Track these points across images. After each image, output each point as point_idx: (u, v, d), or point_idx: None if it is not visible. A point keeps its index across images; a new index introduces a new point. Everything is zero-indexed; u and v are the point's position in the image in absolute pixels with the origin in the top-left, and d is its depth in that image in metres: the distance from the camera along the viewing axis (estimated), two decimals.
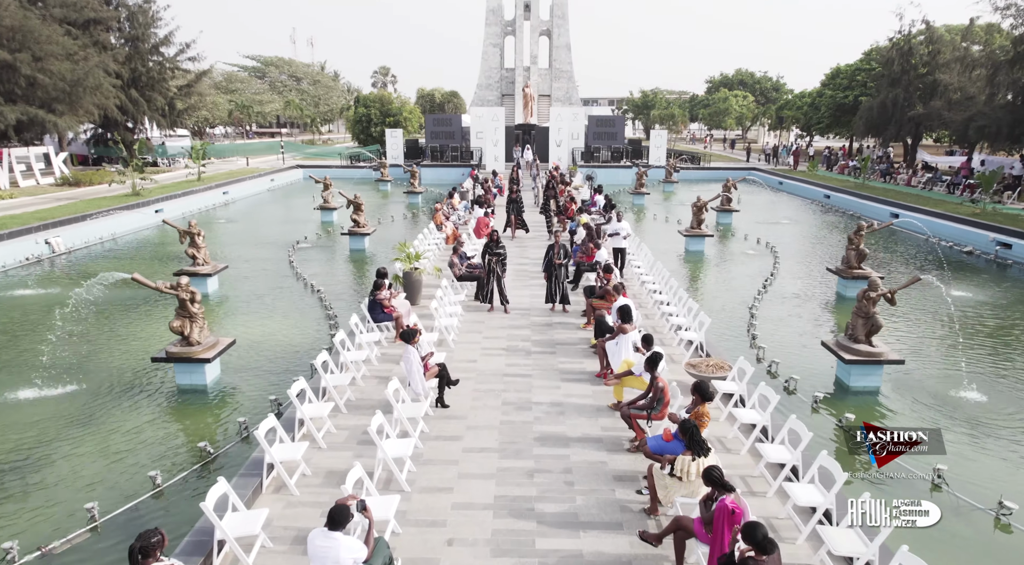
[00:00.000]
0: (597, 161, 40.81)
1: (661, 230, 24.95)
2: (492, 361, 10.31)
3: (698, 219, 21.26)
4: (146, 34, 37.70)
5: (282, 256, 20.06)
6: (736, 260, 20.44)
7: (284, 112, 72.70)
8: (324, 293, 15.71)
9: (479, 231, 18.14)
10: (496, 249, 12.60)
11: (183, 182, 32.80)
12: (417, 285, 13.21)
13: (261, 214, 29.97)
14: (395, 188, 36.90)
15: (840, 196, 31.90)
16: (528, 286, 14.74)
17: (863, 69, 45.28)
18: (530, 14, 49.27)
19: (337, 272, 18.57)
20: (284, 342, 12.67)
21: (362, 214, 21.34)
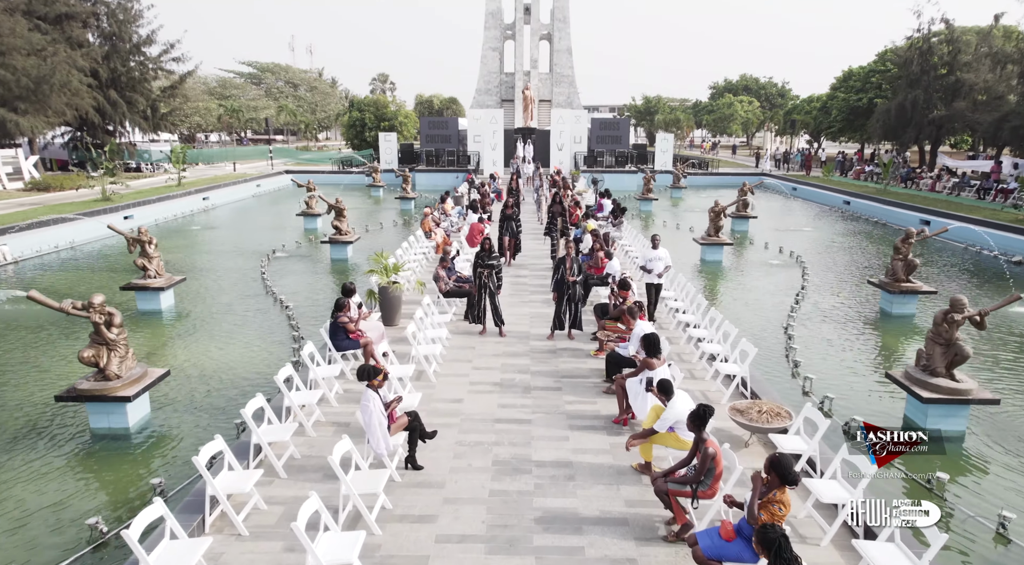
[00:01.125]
0: (601, 166, 38.86)
1: (673, 238, 22.85)
2: (482, 401, 8.23)
3: (715, 226, 19.23)
4: (126, 32, 35.87)
5: (254, 267, 18.02)
6: (759, 271, 18.38)
7: (277, 118, 70.85)
8: (293, 310, 13.65)
9: (472, 239, 16.11)
10: (488, 260, 10.55)
11: (161, 187, 30.83)
12: (395, 303, 11.15)
13: (241, 221, 27.98)
14: (387, 194, 34.95)
15: (861, 202, 29.91)
16: (528, 303, 12.68)
17: (877, 71, 43.49)
18: (530, 17, 47.66)
19: (313, 285, 16.51)
20: (236, 371, 10.59)
21: (344, 220, 19.34)
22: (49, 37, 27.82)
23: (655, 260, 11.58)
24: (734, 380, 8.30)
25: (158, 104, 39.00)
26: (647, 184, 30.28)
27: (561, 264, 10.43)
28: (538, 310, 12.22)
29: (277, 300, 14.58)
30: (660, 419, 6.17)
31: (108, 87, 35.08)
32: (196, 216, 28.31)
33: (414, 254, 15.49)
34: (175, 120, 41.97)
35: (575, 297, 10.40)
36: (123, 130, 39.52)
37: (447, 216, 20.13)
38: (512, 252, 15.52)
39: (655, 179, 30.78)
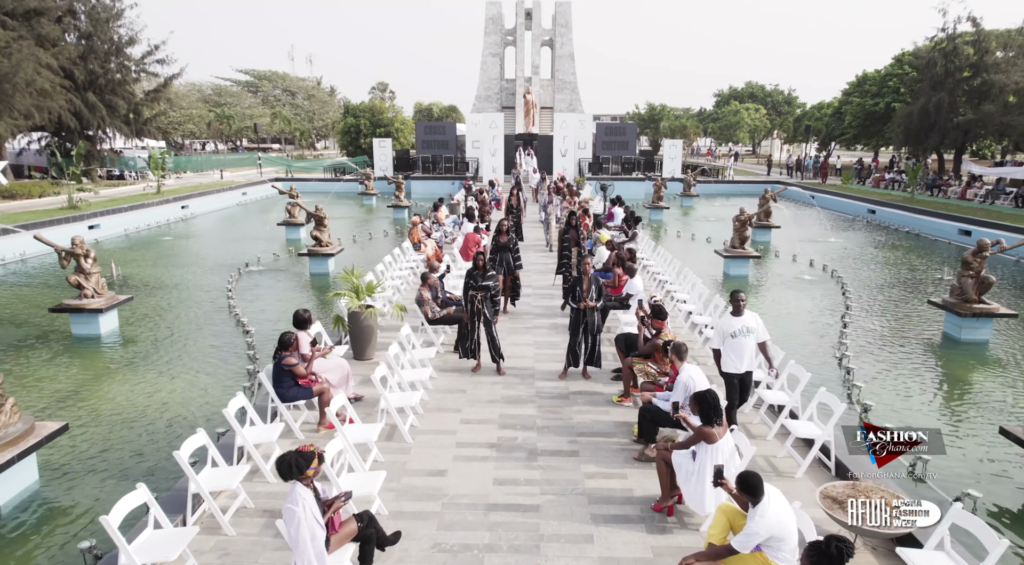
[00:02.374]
0: (607, 173, 36.88)
1: (689, 249, 20.81)
2: (472, 474, 6.12)
3: (741, 236, 17.16)
4: (104, 32, 33.97)
5: (223, 283, 15.93)
6: (792, 288, 16.27)
7: (271, 125, 69.15)
8: (255, 335, 11.54)
9: (467, 251, 14.03)
10: (482, 280, 8.45)
11: (137, 195, 28.82)
12: (368, 333, 9.04)
13: (220, 230, 25.95)
14: (381, 203, 32.97)
15: (887, 211, 27.84)
16: (531, 330, 10.57)
17: (894, 74, 41.60)
18: (531, 23, 46.06)
19: (284, 304, 14.39)
20: (163, 418, 8.48)
21: (325, 230, 17.28)
22: (15, 34, 25.91)
23: (742, 334, 6.48)
24: (813, 449, 6.14)
25: (141, 108, 37.07)
26: (657, 192, 28.29)
27: (576, 285, 8.33)
28: (544, 339, 10.11)
29: (239, 323, 12.48)
30: (743, 534, 4.04)
31: (85, 89, 33.14)
32: (172, 226, 26.28)
33: (399, 269, 13.40)
34: (160, 125, 40.04)
35: (593, 326, 8.28)
36: (104, 136, 37.59)
37: (440, 226, 18.06)
38: (510, 294, 11.37)
39: (666, 186, 28.75)
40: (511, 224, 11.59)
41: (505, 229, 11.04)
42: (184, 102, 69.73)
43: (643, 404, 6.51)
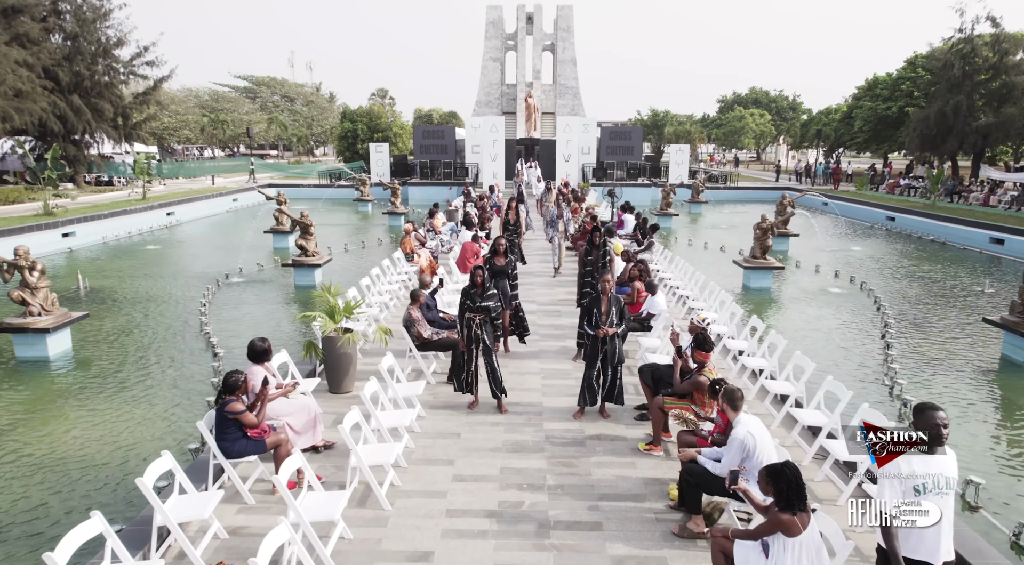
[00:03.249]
0: (611, 179, 35.58)
1: (703, 259, 19.43)
2: (465, 556, 4.71)
3: (762, 245, 15.79)
4: (91, 32, 32.77)
5: (200, 296, 14.55)
6: (820, 302, 14.89)
7: (267, 131, 68.08)
8: (222, 360, 10.16)
9: (464, 262, 12.66)
10: (480, 299, 7.08)
11: (121, 201, 27.51)
12: (346, 363, 7.65)
13: (206, 238, 24.61)
14: (377, 209, 31.64)
15: (907, 218, 26.51)
16: (539, 356, 9.17)
17: (907, 77, 40.39)
18: (533, 27, 45.00)
19: (263, 320, 13.02)
20: (108, 459, 7.09)
21: (311, 239, 15.93)
22: None
23: (936, 490, 3.45)
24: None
25: (129, 112, 35.81)
26: (666, 198, 26.97)
27: (594, 306, 6.94)
28: (553, 366, 8.72)
29: (209, 344, 11.10)
30: None
31: (70, 91, 31.91)
32: (156, 233, 24.95)
33: (389, 282, 12.00)
34: (155, 130, 38.84)
35: (614, 356, 6.90)
36: (92, 140, 36.33)
37: (436, 234, 16.71)
38: (511, 330, 9.13)
39: (675, 192, 27.43)
40: (508, 245, 9.29)
41: (502, 249, 8.95)
42: (181, 107, 68.80)
43: (684, 463, 5.11)
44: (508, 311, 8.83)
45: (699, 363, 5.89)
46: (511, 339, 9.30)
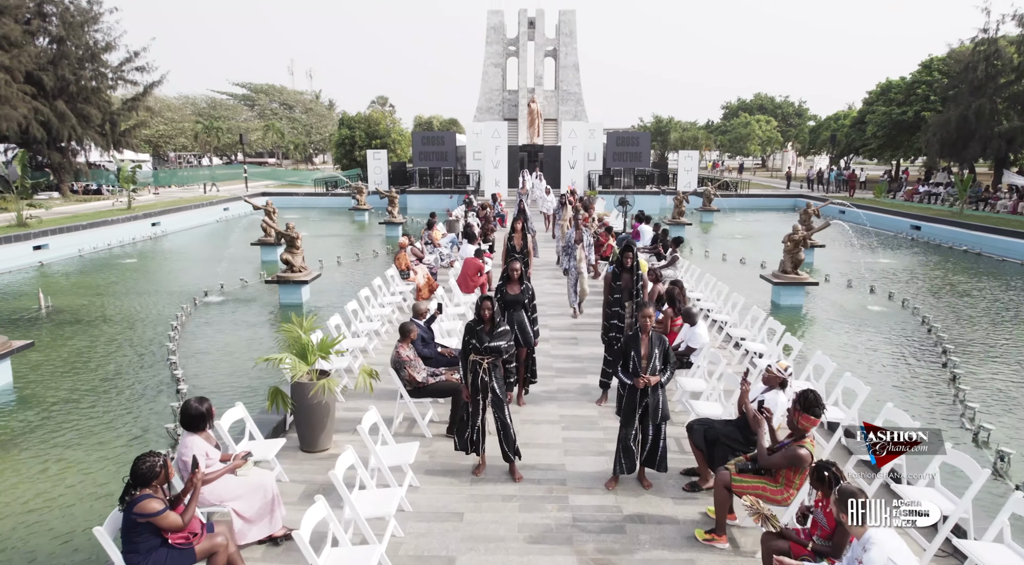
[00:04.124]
0: (619, 187, 34.21)
1: (725, 273, 17.92)
2: None
3: (794, 259, 14.33)
4: (78, 36, 31.51)
5: (172, 317, 13.10)
6: (859, 322, 13.41)
7: (264, 138, 66.91)
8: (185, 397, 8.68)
9: (466, 281, 11.21)
10: (490, 339, 5.59)
11: (104, 211, 26.14)
12: (321, 415, 6.17)
13: (191, 250, 23.18)
14: (374, 218, 30.24)
15: (934, 227, 25.07)
16: (556, 397, 7.69)
17: (923, 81, 39.06)
18: (535, 32, 43.98)
19: (240, 347, 11.54)
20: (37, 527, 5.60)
21: (298, 252, 14.47)
22: None
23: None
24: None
25: (118, 118, 34.47)
26: (679, 206, 25.54)
27: (630, 348, 5.47)
28: (574, 412, 7.24)
29: (173, 377, 9.63)
30: None
31: (55, 97, 30.58)
32: (139, 245, 23.53)
33: (379, 305, 10.53)
34: (150, 138, 37.58)
35: (656, 411, 5.43)
36: (79, 148, 35.01)
37: (435, 247, 15.26)
38: (527, 375, 7.49)
39: (688, 200, 26.01)
40: (522, 272, 7.29)
41: (516, 275, 7.13)
42: (177, 115, 67.64)
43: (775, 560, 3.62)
44: (524, 350, 7.22)
45: (798, 431, 4.40)
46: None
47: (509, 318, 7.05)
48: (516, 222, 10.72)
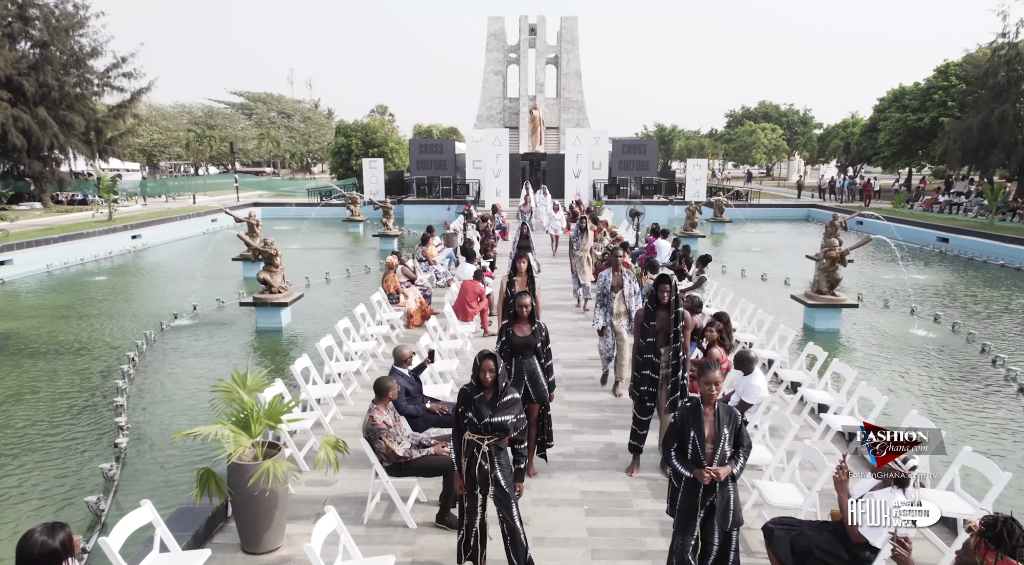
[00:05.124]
0: (624, 196, 32.78)
1: (747, 290, 16.41)
2: None
3: (830, 278, 12.84)
4: (63, 41, 30.21)
5: (133, 345, 11.58)
6: (907, 350, 11.88)
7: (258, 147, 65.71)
8: (123, 452, 7.17)
9: (463, 308, 9.70)
10: (492, 411, 4.06)
11: (81, 223, 24.69)
12: (268, 504, 4.63)
13: (170, 265, 21.64)
14: (369, 230, 28.82)
15: (963, 239, 23.58)
16: (575, 464, 6.16)
17: (939, 86, 37.74)
18: (536, 39, 42.95)
19: (195, 389, 9.99)
20: None
21: (277, 271, 12.99)
22: None
23: None
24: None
25: (103, 126, 33.11)
26: (691, 217, 24.07)
27: (690, 428, 3.94)
28: (600, 488, 5.69)
29: (117, 427, 8.10)
30: None
31: (36, 104, 29.27)
32: (115, 259, 22.04)
33: (363, 338, 8.99)
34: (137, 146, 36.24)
35: (726, 514, 3.89)
36: (62, 156, 33.64)
37: (430, 265, 13.76)
38: (542, 438, 5.86)
39: (700, 211, 24.56)
40: (532, 310, 5.54)
41: (526, 312, 5.46)
42: (172, 124, 66.45)
43: None
44: (538, 407, 5.66)
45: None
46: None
47: (517, 369, 5.52)
48: (519, 260, 7.92)
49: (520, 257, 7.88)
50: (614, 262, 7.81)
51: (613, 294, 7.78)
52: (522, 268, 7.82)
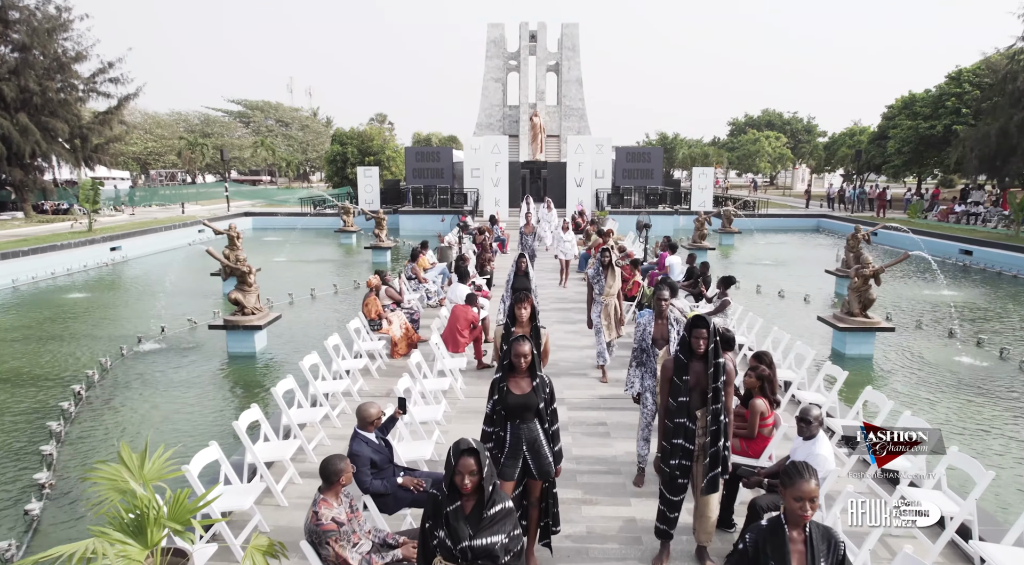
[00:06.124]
0: (628, 206, 31.57)
1: (765, 308, 15.14)
2: None
3: (863, 299, 11.58)
4: (44, 44, 29.13)
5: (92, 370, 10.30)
6: (951, 377, 10.59)
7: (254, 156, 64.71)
8: (37, 523, 5.87)
9: (453, 337, 8.43)
10: (474, 532, 2.80)
11: (59, 234, 23.47)
12: None
13: (149, 280, 20.38)
14: (363, 241, 27.59)
15: (988, 252, 22.33)
16: (587, 551, 4.83)
17: (952, 93, 36.62)
18: (536, 46, 42.04)
19: (164, 421, 8.72)
20: None
21: (250, 291, 11.74)
22: None
23: None
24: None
25: (88, 133, 31.95)
26: (700, 228, 22.83)
27: (762, 554, 2.65)
28: None
29: (35, 482, 6.81)
30: None
31: (17, 109, 28.14)
32: (91, 273, 20.79)
33: (334, 376, 7.70)
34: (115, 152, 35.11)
35: None
36: (45, 164, 32.47)
37: (420, 284, 12.49)
38: (546, 521, 4.54)
39: (711, 222, 23.34)
40: (528, 362, 4.23)
41: (525, 364, 4.21)
42: (168, 132, 65.42)
43: None
44: (541, 485, 4.42)
45: None
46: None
47: (514, 437, 4.25)
48: (519, 306, 5.87)
49: (520, 302, 5.89)
50: (657, 307, 6.04)
51: (655, 349, 5.87)
52: (523, 317, 5.88)
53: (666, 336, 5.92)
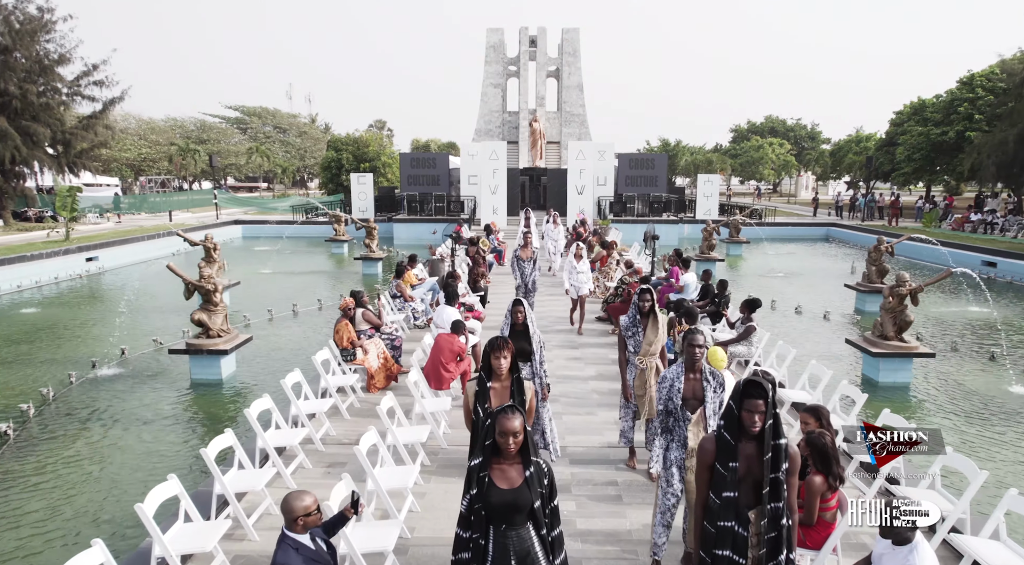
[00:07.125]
0: (632, 214, 30.41)
1: (783, 327, 13.92)
2: None
3: (899, 321, 10.37)
4: (28, 46, 28.08)
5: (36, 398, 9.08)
6: (999, 409, 9.38)
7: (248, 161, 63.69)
8: None
9: (436, 371, 7.22)
10: None
11: (32, 244, 22.30)
12: None
13: (120, 294, 19.15)
14: (355, 251, 26.42)
15: (1013, 263, 21.15)
16: None
17: (964, 98, 35.54)
18: (536, 51, 41.14)
19: (97, 474, 7.49)
20: None
21: (216, 311, 10.56)
22: None
23: None
24: None
25: (71, 138, 30.83)
26: (708, 238, 21.66)
27: None
28: None
29: None
30: None
31: None
32: (61, 286, 19.59)
33: (292, 423, 6.48)
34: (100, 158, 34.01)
35: None
36: (26, 170, 31.34)
37: (406, 302, 11.27)
38: None
39: (719, 231, 22.17)
40: (526, 431, 3.01)
41: (514, 447, 2.99)
42: (162, 138, 64.39)
43: None
44: None
45: None
46: None
47: (499, 548, 3.05)
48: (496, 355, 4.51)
49: (496, 349, 4.45)
50: (689, 357, 4.48)
51: (687, 414, 4.45)
52: (501, 369, 4.44)
53: (700, 396, 4.46)
